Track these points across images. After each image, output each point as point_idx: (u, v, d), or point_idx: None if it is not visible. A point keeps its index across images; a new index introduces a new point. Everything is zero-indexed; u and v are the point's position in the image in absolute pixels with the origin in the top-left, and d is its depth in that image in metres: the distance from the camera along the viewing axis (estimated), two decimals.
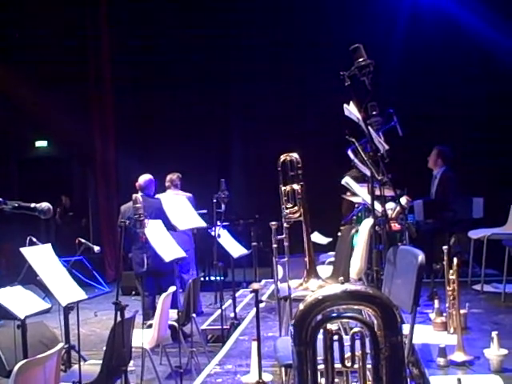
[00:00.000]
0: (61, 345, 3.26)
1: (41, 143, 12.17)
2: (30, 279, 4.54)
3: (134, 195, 4.71)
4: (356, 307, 1.92)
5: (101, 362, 3.86)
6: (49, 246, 4.42)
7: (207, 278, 9.33)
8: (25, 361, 2.89)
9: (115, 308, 3.63)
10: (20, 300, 4.15)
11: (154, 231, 5.52)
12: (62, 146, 11.81)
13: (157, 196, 6.88)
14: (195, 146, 10.91)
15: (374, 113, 4.04)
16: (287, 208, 4.01)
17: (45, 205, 2.71)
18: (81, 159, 11.71)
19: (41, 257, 4.26)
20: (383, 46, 8.73)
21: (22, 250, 4.17)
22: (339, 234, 5.99)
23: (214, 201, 6.17)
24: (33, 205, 2.69)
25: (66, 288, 4.24)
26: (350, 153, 4.87)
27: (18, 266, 4.91)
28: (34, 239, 4.77)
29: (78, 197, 12.20)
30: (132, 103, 11.02)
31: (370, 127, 3.91)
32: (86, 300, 4.48)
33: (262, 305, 5.77)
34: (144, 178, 6.65)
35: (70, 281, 4.35)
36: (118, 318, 3.66)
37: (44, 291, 5.08)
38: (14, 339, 4.20)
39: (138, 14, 10.52)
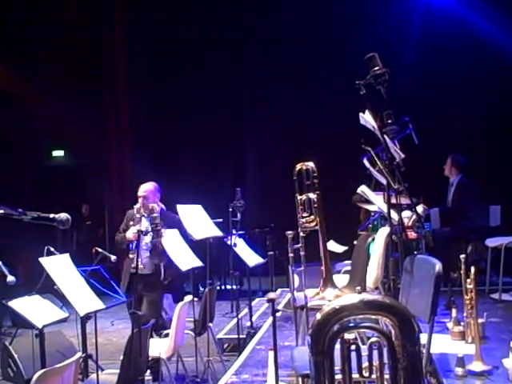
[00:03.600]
0: (79, 354, 3.28)
1: (57, 153, 12.26)
2: (48, 288, 4.56)
3: (151, 205, 4.73)
4: (373, 317, 1.92)
5: (118, 371, 3.87)
6: (67, 255, 4.45)
7: (223, 287, 9.33)
8: (44, 370, 2.90)
9: (132, 318, 3.64)
10: (38, 309, 4.17)
11: (170, 240, 5.54)
12: (78, 155, 11.89)
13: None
14: (211, 154, 10.94)
15: (390, 121, 4.02)
16: (303, 217, 4.01)
17: (63, 215, 2.74)
18: (97, 169, 11.77)
19: (59, 267, 4.28)
20: (398, 54, 8.71)
21: (41, 260, 4.19)
22: (355, 242, 5.97)
23: (230, 210, 6.19)
24: (52, 215, 2.71)
25: (84, 298, 4.26)
26: (365, 161, 4.87)
27: (35, 274, 4.93)
28: (52, 249, 4.79)
29: (94, 206, 12.25)
30: (147, 112, 11.09)
31: (385, 136, 3.90)
32: (103, 309, 4.49)
33: (278, 314, 5.76)
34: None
35: (88, 290, 4.36)
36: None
37: (61, 300, 5.11)
38: (32, 348, 4.23)
39: (155, 21, 10.59)
